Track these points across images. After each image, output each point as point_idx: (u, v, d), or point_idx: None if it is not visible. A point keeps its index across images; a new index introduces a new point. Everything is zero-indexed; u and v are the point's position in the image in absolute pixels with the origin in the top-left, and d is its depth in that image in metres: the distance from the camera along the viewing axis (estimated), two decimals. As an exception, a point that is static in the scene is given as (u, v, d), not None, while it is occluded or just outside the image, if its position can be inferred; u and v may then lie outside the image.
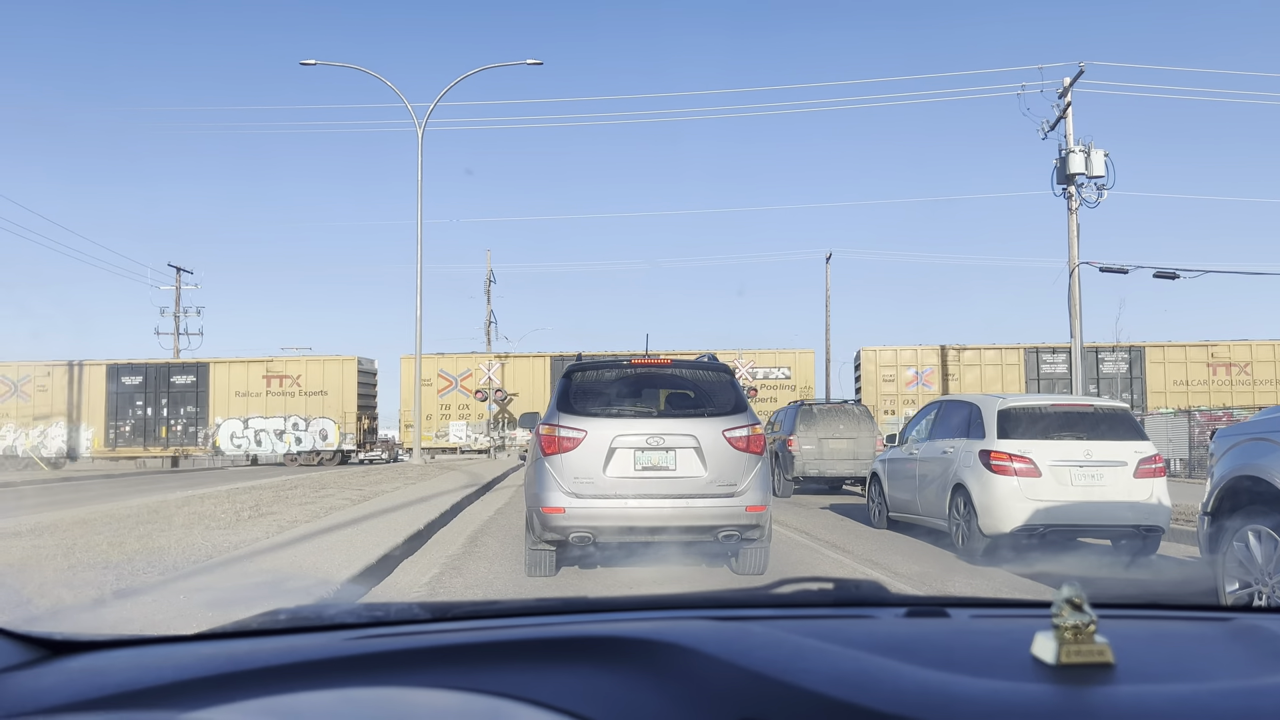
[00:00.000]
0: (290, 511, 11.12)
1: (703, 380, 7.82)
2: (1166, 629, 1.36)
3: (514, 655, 1.17)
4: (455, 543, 9.75)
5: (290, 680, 1.11)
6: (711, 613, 1.44)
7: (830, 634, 1.20)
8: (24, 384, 34.55)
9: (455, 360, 34.29)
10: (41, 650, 1.29)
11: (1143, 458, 8.92)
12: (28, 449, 34.06)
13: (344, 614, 1.45)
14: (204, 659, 1.19)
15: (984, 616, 1.45)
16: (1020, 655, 1.08)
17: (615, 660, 1.12)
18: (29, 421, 34.41)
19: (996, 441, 9.05)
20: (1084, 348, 31.06)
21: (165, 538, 8.29)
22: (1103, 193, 21.58)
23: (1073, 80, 22.16)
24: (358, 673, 1.14)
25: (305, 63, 26.65)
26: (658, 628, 1.22)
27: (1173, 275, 20.23)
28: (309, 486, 15.98)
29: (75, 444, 34.42)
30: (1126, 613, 1.49)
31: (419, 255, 26.43)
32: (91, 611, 5.03)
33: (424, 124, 26.34)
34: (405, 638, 1.27)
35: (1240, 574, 5.44)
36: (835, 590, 1.57)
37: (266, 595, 5.90)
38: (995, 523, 8.79)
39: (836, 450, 17.21)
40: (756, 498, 7.21)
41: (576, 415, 7.28)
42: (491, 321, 41.85)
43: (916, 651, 1.11)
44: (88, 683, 1.14)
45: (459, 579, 7.42)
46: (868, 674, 1.00)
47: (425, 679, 1.11)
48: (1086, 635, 1.03)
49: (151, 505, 11.86)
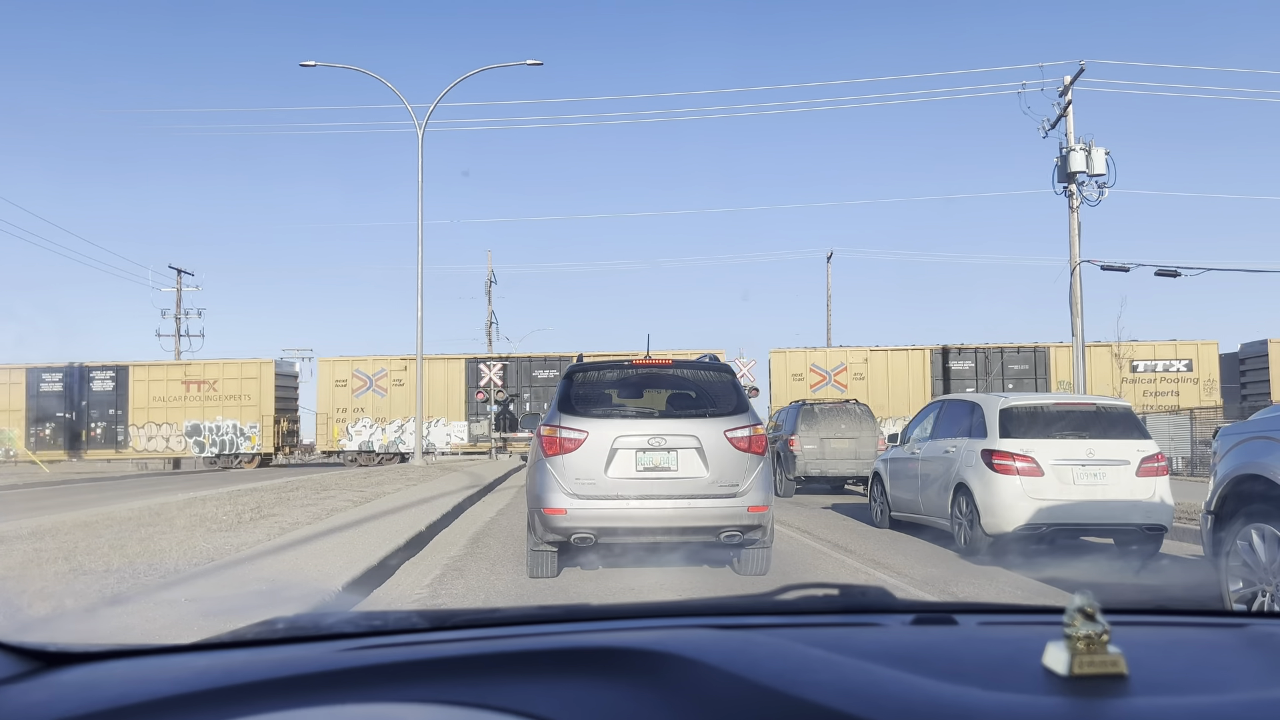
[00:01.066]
0: (292, 513, 11.11)
1: (704, 380, 7.80)
2: (1179, 636, 1.34)
3: (514, 666, 1.15)
4: (457, 544, 9.73)
5: (287, 694, 1.09)
6: (715, 620, 1.42)
7: (837, 643, 1.17)
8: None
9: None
10: (35, 662, 1.26)
11: (1145, 456, 8.90)
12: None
13: (342, 623, 1.43)
14: (199, 671, 1.17)
15: (992, 623, 1.43)
16: (1031, 665, 1.06)
17: (618, 672, 1.10)
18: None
19: (999, 441, 9.03)
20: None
21: (167, 539, 8.27)
22: (1104, 191, 21.55)
23: (1073, 79, 22.13)
24: (355, 686, 1.12)
25: (305, 64, 26.62)
26: (661, 637, 1.20)
27: (1174, 273, 20.22)
28: (310, 489, 15.99)
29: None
30: (1137, 619, 1.46)
31: (419, 256, 26.43)
32: (88, 620, 5.01)
33: (424, 125, 26.32)
34: (403, 648, 1.25)
35: (1244, 574, 5.41)
36: (841, 596, 1.54)
37: (265, 601, 5.88)
38: (998, 522, 8.76)
39: (838, 450, 17.19)
40: (759, 498, 7.19)
41: (578, 416, 7.26)
42: (493, 322, 41.90)
43: (925, 661, 1.08)
44: (81, 697, 1.12)
45: (460, 581, 7.40)
46: (877, 686, 0.98)
47: (424, 691, 1.09)
48: (1099, 645, 1.01)
49: (153, 507, 11.85)
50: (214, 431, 34.20)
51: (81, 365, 34.95)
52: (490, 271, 42.73)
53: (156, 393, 34.42)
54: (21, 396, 34.36)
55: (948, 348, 32.02)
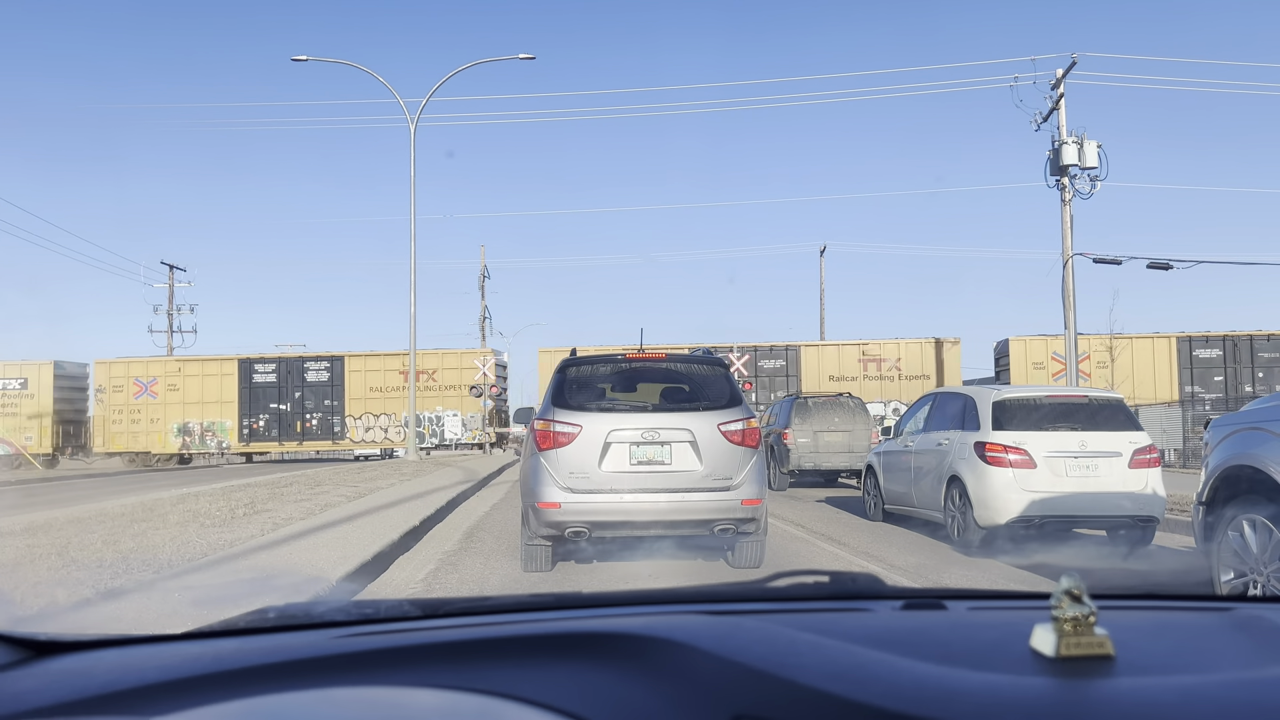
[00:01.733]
0: (286, 509, 11.09)
1: (697, 374, 7.80)
2: (1166, 620, 1.35)
3: (505, 652, 1.15)
4: (451, 538, 9.73)
5: (277, 679, 1.09)
6: (705, 607, 1.43)
7: (825, 628, 1.18)
8: None
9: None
10: (25, 651, 1.26)
11: (1137, 448, 8.93)
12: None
13: (333, 611, 1.43)
14: (190, 658, 1.17)
15: (981, 609, 1.43)
16: (1019, 648, 1.06)
17: (608, 656, 1.10)
18: None
19: (991, 433, 9.05)
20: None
21: (160, 535, 8.26)
22: (1096, 184, 21.57)
23: (1065, 71, 22.14)
24: (346, 671, 1.12)
25: (297, 59, 26.53)
26: (650, 623, 1.20)
27: (1166, 266, 20.24)
28: (304, 484, 15.97)
29: None
30: (1125, 603, 1.47)
31: (412, 250, 26.36)
32: (79, 611, 5.00)
33: (416, 120, 26.25)
34: (395, 635, 1.25)
35: (1235, 563, 5.44)
36: (831, 583, 1.55)
37: (256, 593, 5.87)
38: (991, 514, 8.79)
39: (832, 443, 17.21)
40: (752, 491, 7.20)
41: (571, 410, 7.26)
42: (486, 317, 41.86)
43: (913, 645, 1.09)
44: (71, 684, 1.12)
45: (454, 575, 7.40)
46: (864, 668, 0.98)
47: (415, 677, 1.09)
48: (1086, 627, 1.02)
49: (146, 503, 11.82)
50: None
51: None
52: (484, 266, 42.71)
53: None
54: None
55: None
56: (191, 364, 35.35)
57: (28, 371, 35.06)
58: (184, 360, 35.65)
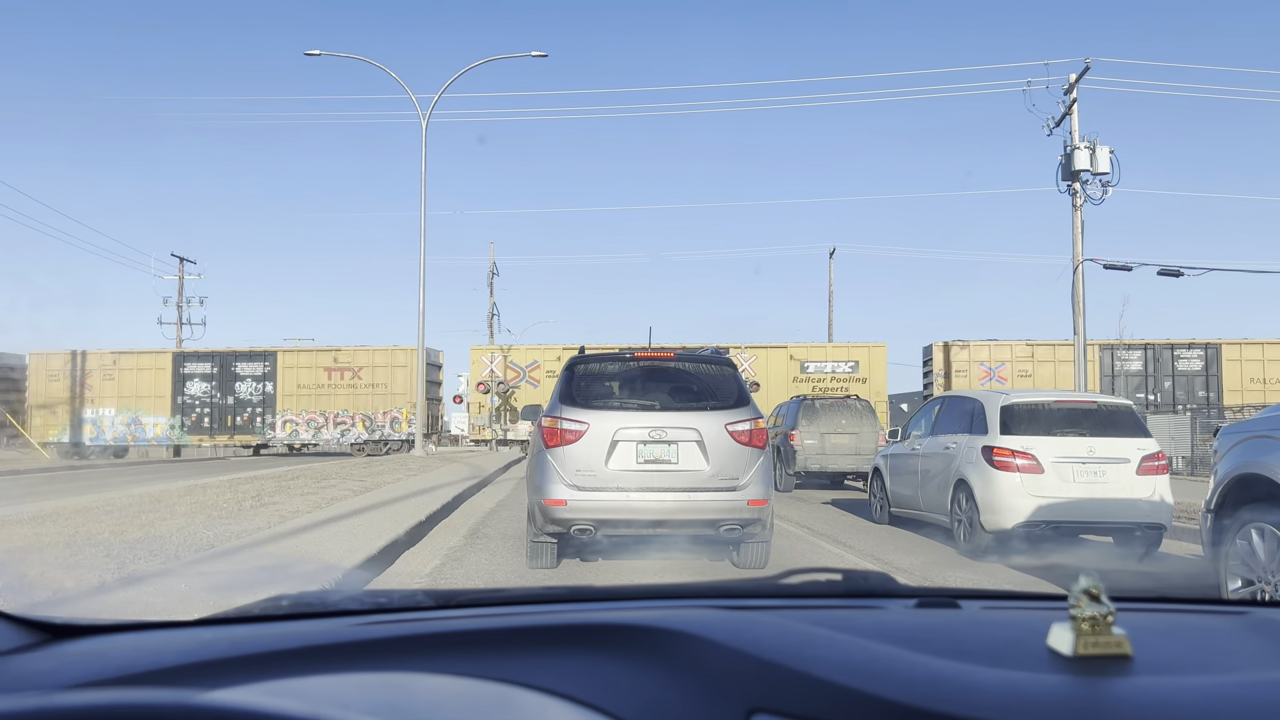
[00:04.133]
0: (292, 502, 11.12)
1: (705, 373, 7.79)
2: (1181, 622, 1.34)
3: (521, 643, 1.15)
4: (457, 534, 9.74)
5: (293, 665, 1.09)
6: (718, 603, 1.43)
7: (840, 624, 1.18)
8: None
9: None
10: (42, 634, 1.27)
11: (1145, 455, 8.90)
12: None
13: (347, 600, 1.43)
14: (205, 643, 1.17)
15: (996, 608, 1.43)
16: (1035, 646, 1.06)
17: (623, 648, 1.11)
18: None
19: (999, 438, 9.03)
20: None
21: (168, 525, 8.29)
22: (1108, 190, 21.51)
23: (1079, 76, 22.08)
24: (361, 658, 1.12)
25: (310, 53, 26.61)
26: (665, 616, 1.20)
27: (1176, 273, 20.18)
28: (310, 477, 16.01)
29: None
30: (1140, 606, 1.47)
31: (422, 246, 26.42)
32: (94, 597, 5.02)
33: (428, 115, 26.29)
34: (410, 624, 1.25)
35: (1243, 571, 5.42)
36: (844, 581, 1.55)
37: (269, 581, 5.89)
38: (998, 519, 8.77)
39: (838, 445, 17.18)
40: (758, 492, 7.19)
41: (579, 408, 7.26)
42: (494, 314, 41.87)
43: (928, 642, 1.09)
44: (87, 666, 1.13)
45: (460, 569, 7.41)
46: (879, 663, 0.98)
47: (430, 665, 1.10)
48: (1104, 626, 1.01)
49: (154, 494, 11.86)
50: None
51: None
52: (492, 263, 42.71)
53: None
54: None
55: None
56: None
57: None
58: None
